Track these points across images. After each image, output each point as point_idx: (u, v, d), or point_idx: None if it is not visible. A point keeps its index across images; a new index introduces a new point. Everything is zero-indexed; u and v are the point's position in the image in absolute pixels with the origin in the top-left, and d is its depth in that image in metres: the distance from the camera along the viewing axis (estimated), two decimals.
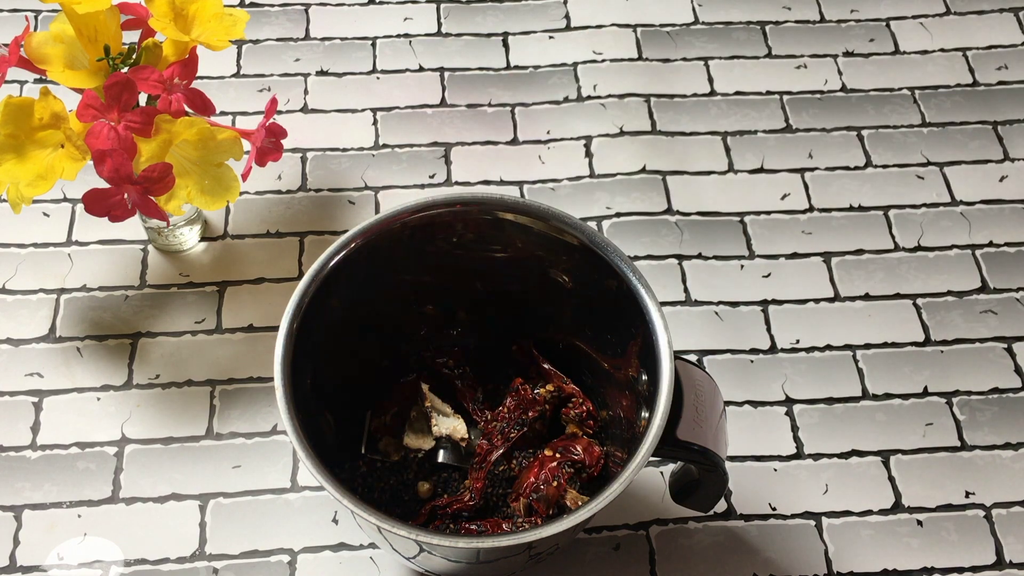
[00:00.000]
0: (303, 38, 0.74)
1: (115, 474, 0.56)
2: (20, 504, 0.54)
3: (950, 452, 0.58)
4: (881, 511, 0.56)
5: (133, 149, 0.51)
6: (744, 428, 0.58)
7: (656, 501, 0.56)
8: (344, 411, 0.52)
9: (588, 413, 0.52)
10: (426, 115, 0.71)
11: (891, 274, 0.65)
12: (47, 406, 0.58)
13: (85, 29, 0.53)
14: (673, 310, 0.63)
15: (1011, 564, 0.55)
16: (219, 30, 0.55)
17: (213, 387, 0.59)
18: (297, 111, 0.70)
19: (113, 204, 0.52)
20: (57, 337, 0.60)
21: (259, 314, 0.61)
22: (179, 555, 0.53)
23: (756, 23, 0.76)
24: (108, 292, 0.62)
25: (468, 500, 0.50)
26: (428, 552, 0.42)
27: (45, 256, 0.63)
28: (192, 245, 0.64)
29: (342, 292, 0.46)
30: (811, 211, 0.67)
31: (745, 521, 0.55)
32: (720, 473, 0.45)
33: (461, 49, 0.74)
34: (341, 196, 0.67)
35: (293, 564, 0.53)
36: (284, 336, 0.43)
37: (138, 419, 0.57)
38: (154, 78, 0.52)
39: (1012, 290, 0.64)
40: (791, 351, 0.61)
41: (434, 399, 0.52)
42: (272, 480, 0.56)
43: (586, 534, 0.55)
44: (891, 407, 0.60)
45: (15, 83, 0.69)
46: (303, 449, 0.40)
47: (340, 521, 0.55)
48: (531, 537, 0.39)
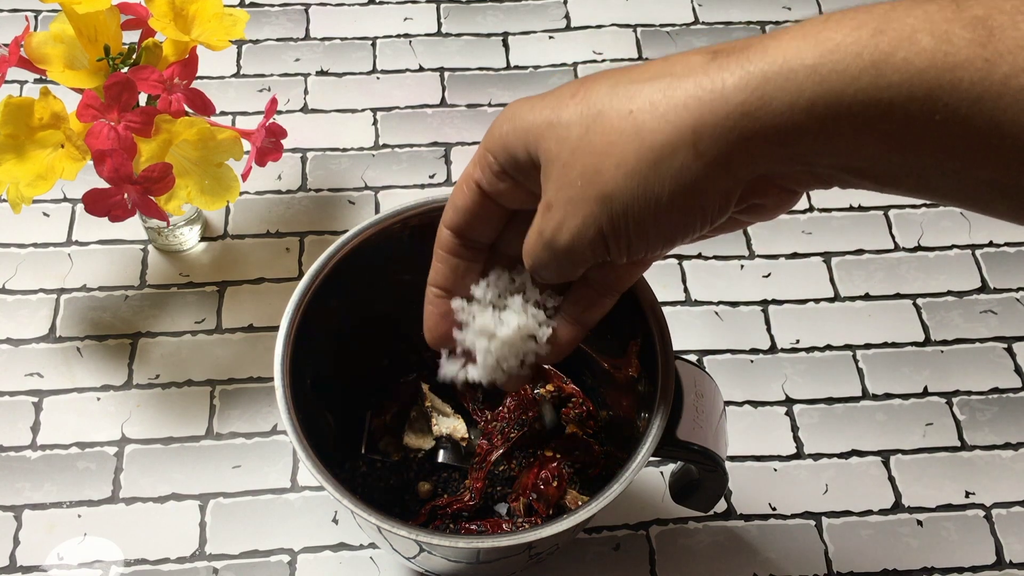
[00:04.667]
0: (303, 38, 0.74)
1: (115, 474, 0.56)
2: (20, 504, 0.54)
3: (950, 452, 0.58)
4: (881, 511, 0.56)
5: (133, 149, 0.51)
6: (744, 428, 0.58)
7: (656, 501, 0.56)
8: (344, 411, 0.52)
9: (588, 413, 0.52)
10: (426, 115, 0.71)
11: (891, 274, 0.65)
12: (47, 406, 0.58)
13: (85, 29, 0.53)
14: (673, 310, 0.63)
15: (1011, 564, 0.55)
16: (219, 30, 0.55)
17: (213, 387, 0.59)
18: (297, 111, 0.70)
19: (113, 204, 0.52)
20: (57, 337, 0.60)
21: (259, 314, 0.61)
22: (179, 555, 0.53)
23: (756, 23, 0.76)
24: (108, 292, 0.62)
25: (468, 500, 0.50)
26: (428, 552, 0.42)
27: (45, 256, 0.63)
28: (192, 245, 0.64)
29: (342, 292, 0.46)
30: (811, 211, 0.67)
31: (745, 521, 0.55)
32: (720, 473, 0.45)
33: (461, 49, 0.74)
34: (341, 196, 0.67)
35: (293, 564, 0.53)
36: (284, 336, 0.43)
37: (138, 419, 0.57)
38: (154, 78, 0.52)
39: (1012, 290, 0.64)
40: (791, 351, 0.61)
41: (434, 399, 0.52)
42: (272, 480, 0.56)
43: (586, 534, 0.55)
44: (891, 407, 0.60)
45: (15, 83, 0.69)
46: (303, 449, 0.40)
47: (340, 521, 0.55)
48: (531, 537, 0.39)
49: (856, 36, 0.26)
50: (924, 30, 0.25)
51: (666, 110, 0.28)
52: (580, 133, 0.30)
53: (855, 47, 0.26)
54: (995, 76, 0.24)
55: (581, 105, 0.30)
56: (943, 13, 0.25)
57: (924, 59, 0.25)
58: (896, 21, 0.26)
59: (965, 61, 0.25)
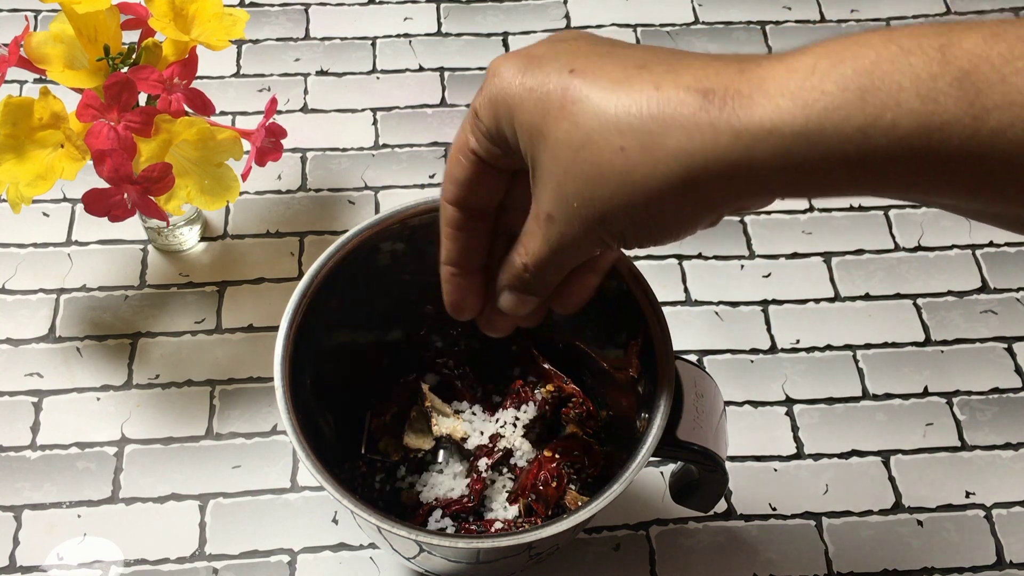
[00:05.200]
0: (303, 38, 0.74)
1: (115, 474, 0.55)
2: (20, 504, 0.54)
3: (950, 452, 0.58)
4: (881, 511, 0.56)
5: (133, 149, 0.51)
6: (744, 428, 0.58)
7: (656, 501, 0.56)
8: (344, 411, 0.52)
9: (588, 413, 0.52)
10: (426, 115, 0.71)
11: (891, 274, 0.65)
12: (47, 406, 0.58)
13: (85, 29, 0.53)
14: (673, 310, 0.63)
15: (1011, 564, 0.55)
16: (219, 30, 0.55)
17: (213, 387, 0.59)
18: (297, 111, 0.70)
19: (113, 204, 0.52)
20: (57, 337, 0.60)
21: (259, 314, 0.61)
22: (179, 555, 0.53)
23: (756, 23, 0.76)
24: (108, 292, 0.62)
25: (467, 501, 0.50)
26: (428, 552, 0.42)
27: (45, 256, 0.63)
28: (192, 245, 0.64)
29: (342, 292, 0.46)
30: (811, 211, 0.67)
31: (745, 521, 0.55)
32: (720, 473, 0.45)
33: (461, 49, 0.74)
34: (341, 196, 0.67)
35: (293, 564, 0.53)
36: (284, 336, 0.43)
37: (138, 419, 0.57)
38: (154, 78, 0.52)
39: (1012, 290, 0.64)
40: (791, 351, 0.61)
41: (434, 399, 0.52)
42: (272, 480, 0.56)
43: (586, 534, 0.54)
44: (891, 407, 0.60)
45: (15, 83, 0.69)
46: (303, 449, 0.40)
47: (340, 521, 0.55)
48: (531, 537, 0.39)
49: (843, 98, 0.26)
50: (910, 89, 0.26)
51: (657, 159, 0.29)
52: (570, 155, 0.31)
53: (844, 110, 0.26)
54: (982, 133, 0.25)
55: (568, 123, 0.30)
56: (929, 68, 0.25)
57: (911, 120, 0.26)
58: (883, 78, 0.26)
59: (953, 120, 0.25)
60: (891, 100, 0.26)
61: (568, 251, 0.33)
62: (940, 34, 0.26)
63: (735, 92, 0.28)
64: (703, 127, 0.28)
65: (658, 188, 0.29)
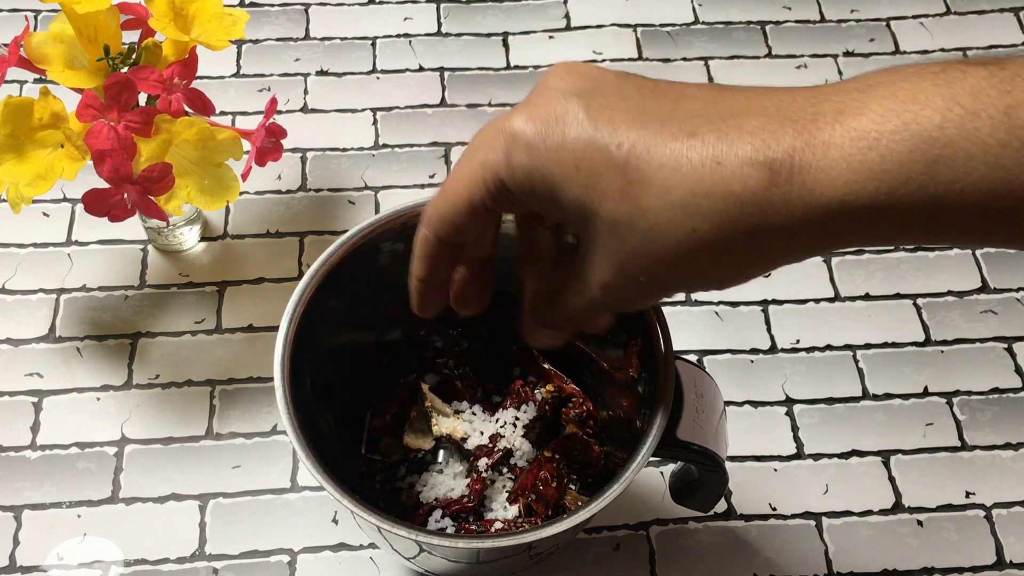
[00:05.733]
0: (303, 38, 0.74)
1: (115, 474, 0.56)
2: (20, 504, 0.54)
3: (950, 452, 0.58)
4: (881, 511, 0.56)
5: (133, 149, 0.51)
6: (744, 428, 0.58)
7: (656, 501, 0.56)
8: (344, 411, 0.52)
9: (588, 413, 0.52)
10: (426, 115, 0.71)
11: (891, 274, 0.65)
12: (47, 406, 0.58)
13: (85, 29, 0.53)
14: (673, 310, 0.63)
15: (1011, 564, 0.55)
16: (219, 30, 0.55)
17: (213, 387, 0.59)
18: (297, 111, 0.70)
19: (113, 204, 0.52)
20: (57, 337, 0.60)
21: (259, 314, 0.61)
22: (179, 555, 0.53)
23: (756, 23, 0.76)
24: (108, 292, 0.62)
25: (467, 501, 0.50)
26: (428, 552, 0.42)
27: (45, 256, 0.63)
28: (192, 245, 0.64)
29: (342, 292, 0.46)
30: None
31: (745, 521, 0.55)
32: (720, 473, 0.45)
33: (461, 49, 0.74)
34: (341, 196, 0.67)
35: (293, 564, 0.53)
36: (284, 336, 0.43)
37: (138, 419, 0.57)
38: (154, 78, 0.52)
39: (1012, 290, 0.64)
40: (791, 351, 0.61)
41: (434, 399, 0.52)
42: (272, 480, 0.56)
43: (586, 534, 0.54)
44: (891, 407, 0.60)
45: (15, 83, 0.69)
46: (303, 449, 0.40)
47: (340, 521, 0.55)
48: (531, 537, 0.39)
49: (913, 171, 0.27)
50: (979, 157, 0.26)
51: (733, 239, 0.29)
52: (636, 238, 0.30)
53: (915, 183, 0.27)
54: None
55: (630, 206, 0.30)
56: (996, 135, 0.26)
57: (980, 188, 0.26)
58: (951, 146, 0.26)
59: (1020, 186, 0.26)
60: (960, 170, 0.26)
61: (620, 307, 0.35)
62: (1004, 92, 0.26)
63: (800, 165, 0.28)
64: (776, 204, 0.28)
65: (735, 263, 0.30)
